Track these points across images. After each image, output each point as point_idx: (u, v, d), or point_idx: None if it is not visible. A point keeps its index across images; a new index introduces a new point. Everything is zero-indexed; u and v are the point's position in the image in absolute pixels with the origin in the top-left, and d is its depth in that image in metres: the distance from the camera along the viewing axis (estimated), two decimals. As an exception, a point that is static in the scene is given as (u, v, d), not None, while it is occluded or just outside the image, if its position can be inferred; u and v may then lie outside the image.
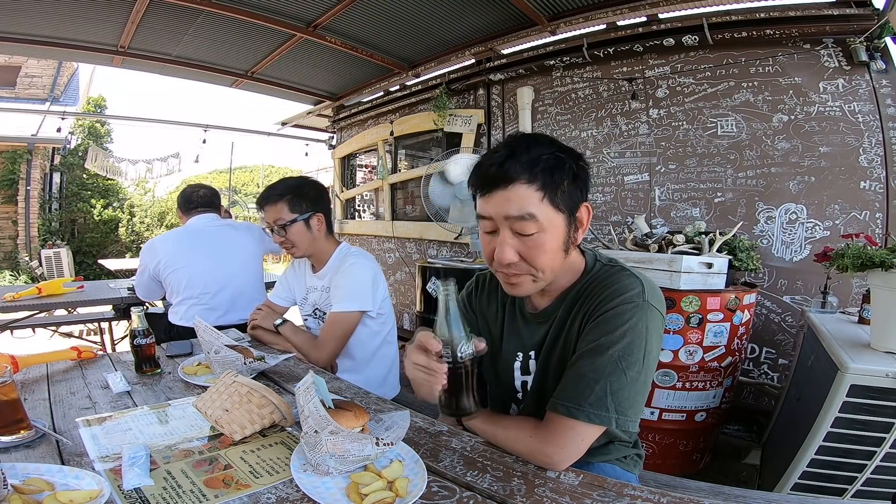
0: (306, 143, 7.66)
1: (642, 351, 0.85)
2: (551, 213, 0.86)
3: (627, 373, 0.83)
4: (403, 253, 4.91)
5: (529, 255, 0.87)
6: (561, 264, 0.92)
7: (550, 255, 0.88)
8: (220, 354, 1.28)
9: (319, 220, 1.67)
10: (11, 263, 8.42)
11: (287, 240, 1.64)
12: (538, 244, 0.86)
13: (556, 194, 0.85)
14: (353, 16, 3.46)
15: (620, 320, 0.85)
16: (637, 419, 0.86)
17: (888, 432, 1.31)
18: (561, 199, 0.86)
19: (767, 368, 2.71)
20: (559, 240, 0.88)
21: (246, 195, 15.81)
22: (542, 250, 0.87)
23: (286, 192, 1.64)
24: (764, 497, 1.04)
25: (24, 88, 8.87)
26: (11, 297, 2.85)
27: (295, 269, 1.86)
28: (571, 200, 0.88)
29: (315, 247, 1.69)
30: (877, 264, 1.32)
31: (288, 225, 1.62)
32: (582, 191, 0.90)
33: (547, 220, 0.85)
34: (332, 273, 1.69)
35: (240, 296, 2.22)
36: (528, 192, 0.84)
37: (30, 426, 0.95)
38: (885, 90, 2.42)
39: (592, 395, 0.83)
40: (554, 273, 0.92)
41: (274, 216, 1.62)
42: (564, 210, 0.87)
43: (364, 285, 1.61)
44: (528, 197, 0.84)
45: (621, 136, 3.25)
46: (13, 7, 3.22)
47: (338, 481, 0.80)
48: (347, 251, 1.71)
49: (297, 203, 1.63)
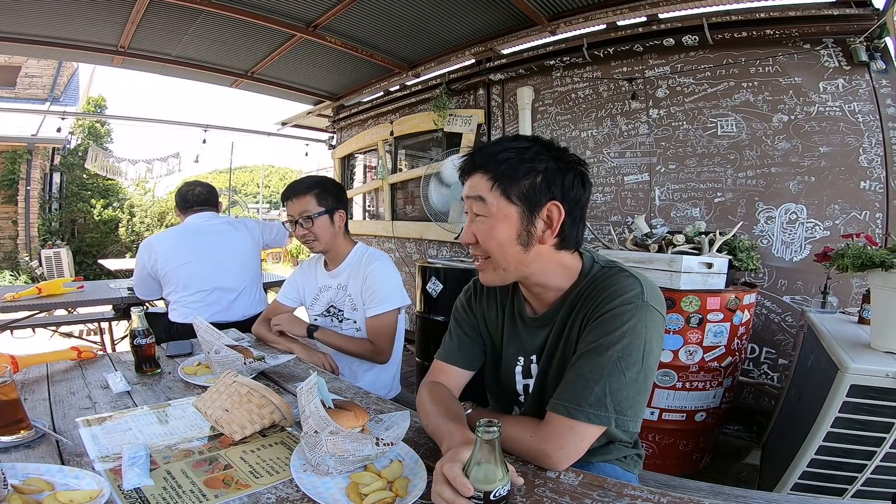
0: (306, 143, 7.66)
1: (641, 351, 0.85)
2: (502, 203, 0.90)
3: (627, 373, 0.84)
4: (403, 253, 4.91)
5: (482, 239, 0.93)
6: (520, 258, 0.93)
7: (500, 244, 0.92)
8: (220, 354, 1.28)
9: (341, 217, 1.71)
10: (11, 263, 8.42)
11: (311, 232, 1.65)
12: (487, 229, 0.92)
13: (510, 186, 0.90)
14: (353, 16, 3.46)
15: (619, 321, 0.86)
16: (638, 419, 0.86)
17: (888, 432, 1.31)
18: (515, 192, 0.90)
19: (767, 368, 2.71)
20: (511, 231, 0.91)
21: (246, 195, 15.83)
22: (490, 236, 0.92)
23: (314, 185, 1.68)
24: (764, 497, 1.04)
25: (24, 88, 8.87)
26: (11, 297, 2.85)
27: (304, 269, 1.88)
28: (532, 194, 0.90)
29: (335, 242, 1.72)
30: (877, 264, 1.32)
31: (315, 217, 1.64)
32: (551, 188, 0.90)
33: (496, 208, 0.90)
34: (352, 272, 1.71)
35: (238, 293, 2.22)
36: (482, 180, 0.92)
37: (30, 426, 0.95)
38: (885, 90, 2.42)
39: (592, 395, 0.83)
40: (517, 266, 0.93)
41: (300, 208, 1.65)
42: (519, 203, 0.90)
43: (397, 283, 1.68)
44: (481, 184, 0.92)
45: (621, 136, 3.25)
46: (13, 7, 3.22)
47: (338, 481, 0.80)
48: (365, 251, 1.74)
49: (323, 197, 1.66)
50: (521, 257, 0.92)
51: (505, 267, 0.94)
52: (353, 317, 1.71)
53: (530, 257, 0.93)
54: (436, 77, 4.32)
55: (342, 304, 1.73)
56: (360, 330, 1.71)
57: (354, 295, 1.69)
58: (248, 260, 2.30)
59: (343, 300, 1.73)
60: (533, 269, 0.95)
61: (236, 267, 2.23)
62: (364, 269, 1.67)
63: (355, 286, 1.69)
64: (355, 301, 1.69)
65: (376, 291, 1.64)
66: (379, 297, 1.63)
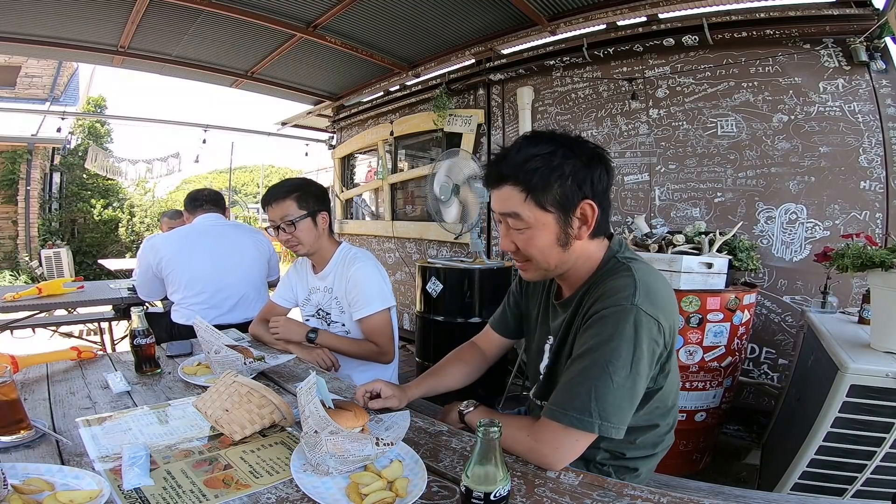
0: (306, 143, 7.66)
1: (631, 356, 0.84)
2: (538, 213, 0.91)
3: (614, 378, 0.83)
4: (403, 253, 4.91)
5: (523, 247, 0.95)
6: (561, 257, 0.95)
7: (542, 249, 0.94)
8: (220, 354, 1.28)
9: (324, 219, 1.70)
10: (11, 263, 8.42)
11: (293, 237, 1.64)
12: (527, 238, 0.94)
13: (543, 195, 0.90)
14: (353, 16, 3.46)
15: (608, 323, 0.85)
16: (621, 427, 0.84)
17: (888, 432, 1.31)
18: (549, 200, 0.90)
19: (767, 368, 2.71)
20: (550, 236, 0.93)
21: (246, 195, 15.83)
22: (531, 244, 0.94)
23: (294, 189, 1.65)
24: (764, 497, 1.04)
25: (24, 88, 8.87)
26: (11, 297, 2.85)
27: (297, 269, 1.87)
28: (565, 199, 0.91)
29: (319, 244, 1.70)
30: (877, 264, 1.32)
31: (297, 221, 1.62)
32: (582, 188, 0.91)
33: (533, 219, 0.92)
34: (336, 275, 1.70)
35: (241, 295, 2.23)
36: (513, 192, 0.91)
37: (30, 426, 0.95)
38: (885, 90, 2.42)
39: (577, 400, 0.83)
40: (559, 264, 0.96)
41: (281, 213, 1.62)
42: (554, 209, 0.91)
43: (380, 284, 1.66)
44: (513, 198, 0.92)
45: (621, 136, 3.25)
46: (13, 7, 3.22)
47: (338, 481, 0.80)
48: (348, 251, 1.73)
49: (304, 200, 1.64)
50: (562, 257, 0.96)
51: (546, 267, 0.97)
52: (341, 319, 1.71)
53: (568, 255, 0.96)
54: (436, 77, 4.32)
55: (329, 307, 1.73)
56: (349, 332, 1.71)
57: (340, 297, 1.69)
58: (253, 265, 2.31)
59: (330, 303, 1.72)
60: (571, 262, 0.98)
61: (240, 270, 2.24)
62: (346, 272, 1.66)
63: (340, 289, 1.69)
64: (342, 303, 1.69)
65: (360, 294, 1.63)
66: (364, 300, 1.62)
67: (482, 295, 2.95)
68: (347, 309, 1.67)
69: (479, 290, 2.93)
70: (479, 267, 2.93)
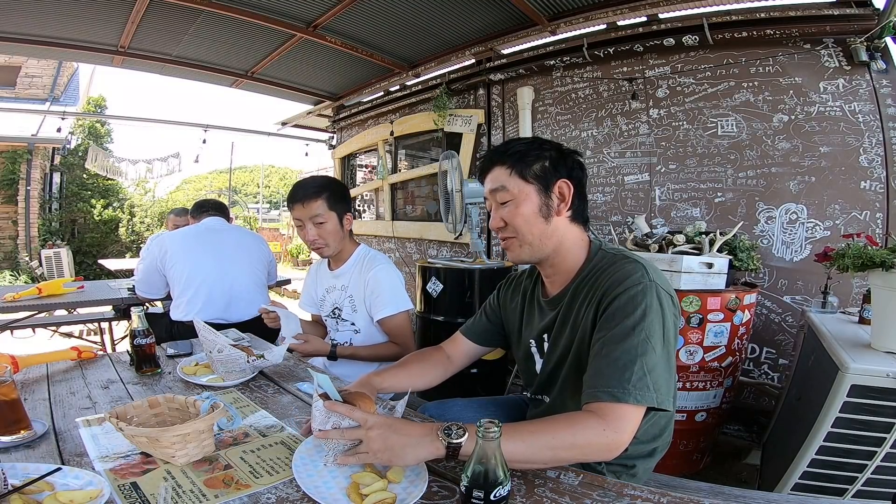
0: (306, 143, 7.65)
1: (662, 328, 0.88)
2: (521, 184, 1.03)
3: (657, 349, 0.86)
4: (403, 253, 4.91)
5: (511, 220, 1.04)
6: (544, 230, 1.03)
7: (526, 219, 1.03)
8: (223, 353, 1.28)
9: (349, 220, 1.70)
10: (11, 263, 8.42)
11: (321, 237, 1.62)
12: (512, 209, 1.04)
13: (525, 170, 1.03)
14: (353, 16, 3.46)
15: (635, 301, 0.89)
16: (670, 397, 0.88)
17: (888, 432, 1.31)
18: (530, 174, 1.03)
19: (768, 368, 2.71)
20: (532, 206, 1.03)
21: (246, 195, 15.83)
22: (517, 214, 1.03)
23: (324, 188, 1.62)
24: (764, 497, 1.04)
25: (24, 88, 8.87)
26: (11, 297, 2.85)
27: (312, 274, 1.90)
28: (544, 175, 1.03)
29: (342, 245, 1.70)
30: (877, 264, 1.32)
31: (326, 221, 1.61)
32: (558, 169, 1.04)
33: (517, 189, 1.03)
34: (353, 274, 1.70)
35: (240, 295, 2.23)
36: (501, 171, 1.06)
37: (30, 426, 0.95)
38: (885, 90, 2.42)
39: (633, 376, 0.84)
40: (542, 237, 1.04)
41: (311, 212, 1.59)
42: (534, 182, 1.03)
43: (400, 287, 1.67)
44: (501, 174, 1.05)
45: (621, 136, 3.25)
46: (13, 7, 3.22)
47: (339, 481, 0.80)
48: (367, 253, 1.74)
49: (333, 200, 1.62)
50: (543, 229, 1.04)
51: (531, 241, 1.04)
52: (352, 318, 1.71)
53: (550, 230, 1.04)
54: (436, 77, 4.32)
55: (342, 305, 1.73)
56: (359, 332, 1.71)
57: (355, 296, 1.69)
58: (255, 265, 2.34)
59: (343, 301, 1.72)
60: (553, 242, 1.04)
61: (242, 269, 2.27)
62: (366, 274, 1.66)
63: (356, 288, 1.68)
64: (355, 302, 1.69)
65: (383, 294, 1.62)
66: (387, 299, 1.62)
67: (482, 295, 2.94)
68: (361, 308, 1.67)
69: (479, 290, 2.92)
70: (480, 267, 2.93)
